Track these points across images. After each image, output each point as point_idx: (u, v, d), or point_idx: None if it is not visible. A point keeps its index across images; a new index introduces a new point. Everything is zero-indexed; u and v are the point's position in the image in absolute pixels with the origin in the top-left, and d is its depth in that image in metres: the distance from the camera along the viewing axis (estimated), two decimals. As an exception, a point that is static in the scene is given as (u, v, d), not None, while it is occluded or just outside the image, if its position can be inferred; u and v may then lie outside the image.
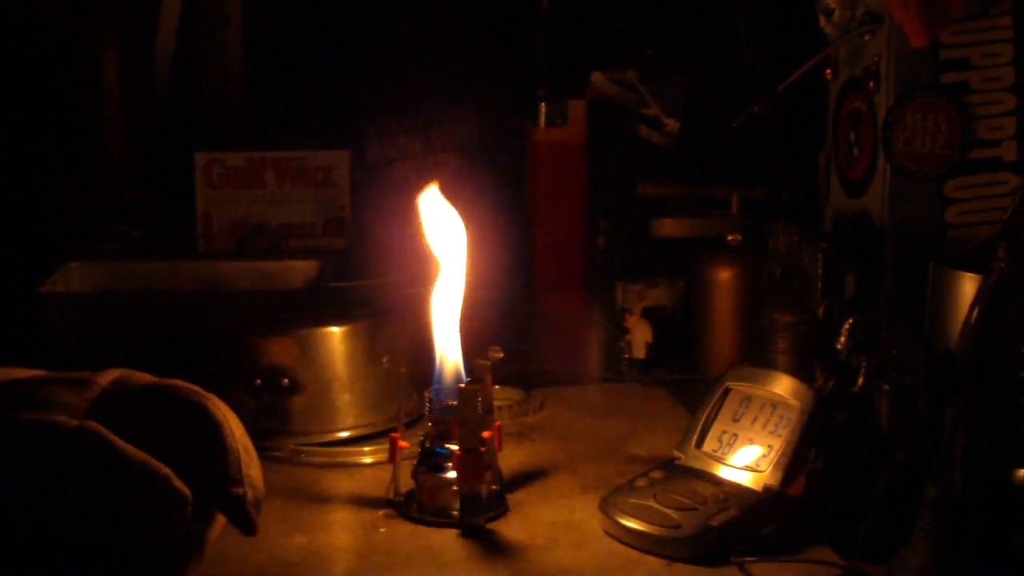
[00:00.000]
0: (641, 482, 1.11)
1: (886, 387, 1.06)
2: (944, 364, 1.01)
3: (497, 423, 1.13)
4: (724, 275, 1.45)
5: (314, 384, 1.26)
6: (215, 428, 0.96)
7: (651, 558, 1.04)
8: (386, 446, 1.16)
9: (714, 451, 1.13)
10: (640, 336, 1.50)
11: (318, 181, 1.68)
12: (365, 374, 1.29)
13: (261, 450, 1.24)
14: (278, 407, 1.26)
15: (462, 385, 1.10)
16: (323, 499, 1.18)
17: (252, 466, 0.99)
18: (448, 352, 1.15)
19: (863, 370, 1.09)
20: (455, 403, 1.11)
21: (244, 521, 0.96)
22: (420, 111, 1.78)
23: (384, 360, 1.26)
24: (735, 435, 1.13)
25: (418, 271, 1.18)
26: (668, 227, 1.52)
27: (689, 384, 1.46)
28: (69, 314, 1.45)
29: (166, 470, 0.91)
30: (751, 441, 1.11)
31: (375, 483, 1.18)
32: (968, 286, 1.06)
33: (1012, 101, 1.30)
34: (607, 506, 1.09)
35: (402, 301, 1.36)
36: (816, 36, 1.42)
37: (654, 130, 1.64)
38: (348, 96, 1.78)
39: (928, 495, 0.95)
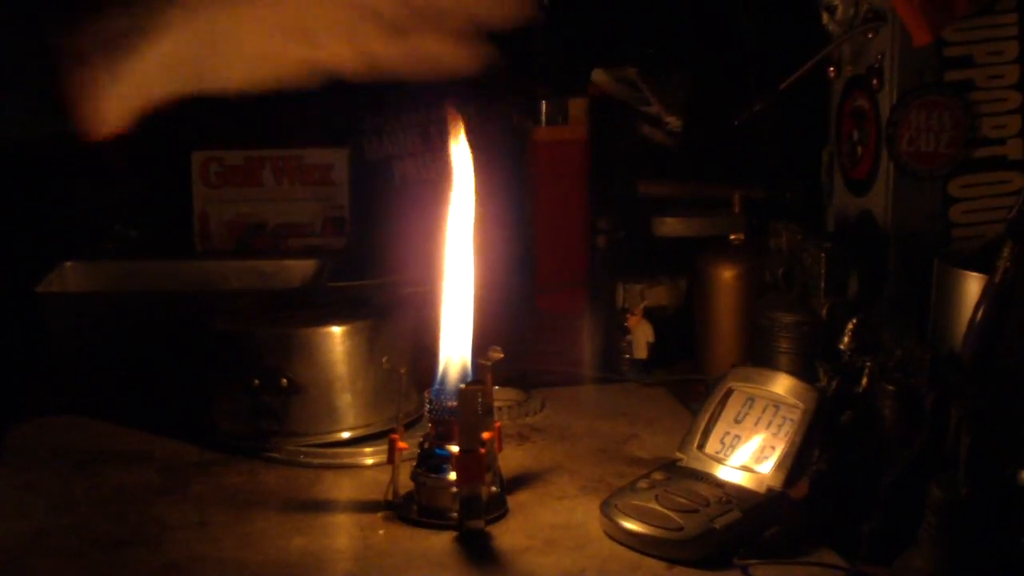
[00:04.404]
0: (642, 483, 1.10)
1: (890, 387, 1.06)
2: (949, 364, 1.01)
3: (497, 424, 1.13)
4: (726, 274, 1.44)
5: (313, 384, 1.26)
6: None
7: (652, 560, 1.03)
8: (385, 447, 1.15)
9: (716, 452, 1.12)
10: (641, 336, 1.50)
11: (317, 179, 1.68)
12: (365, 374, 1.28)
13: (260, 451, 1.24)
14: (277, 407, 1.25)
15: (462, 386, 1.10)
16: (322, 500, 1.17)
17: None
18: (454, 352, 1.14)
19: (867, 370, 1.09)
20: (455, 404, 1.10)
21: None
22: (419, 108, 1.77)
23: (384, 360, 1.25)
24: (737, 436, 1.12)
25: (423, 270, 1.17)
26: (669, 226, 1.51)
27: (691, 385, 1.45)
28: (65, 314, 1.44)
29: None
30: (754, 442, 1.11)
31: (374, 485, 1.18)
32: (973, 285, 1.06)
33: (1017, 99, 1.29)
34: (608, 508, 1.08)
35: (402, 301, 1.36)
36: (819, 34, 1.41)
37: (655, 128, 1.63)
38: (347, 93, 1.77)
39: (933, 496, 0.95)
